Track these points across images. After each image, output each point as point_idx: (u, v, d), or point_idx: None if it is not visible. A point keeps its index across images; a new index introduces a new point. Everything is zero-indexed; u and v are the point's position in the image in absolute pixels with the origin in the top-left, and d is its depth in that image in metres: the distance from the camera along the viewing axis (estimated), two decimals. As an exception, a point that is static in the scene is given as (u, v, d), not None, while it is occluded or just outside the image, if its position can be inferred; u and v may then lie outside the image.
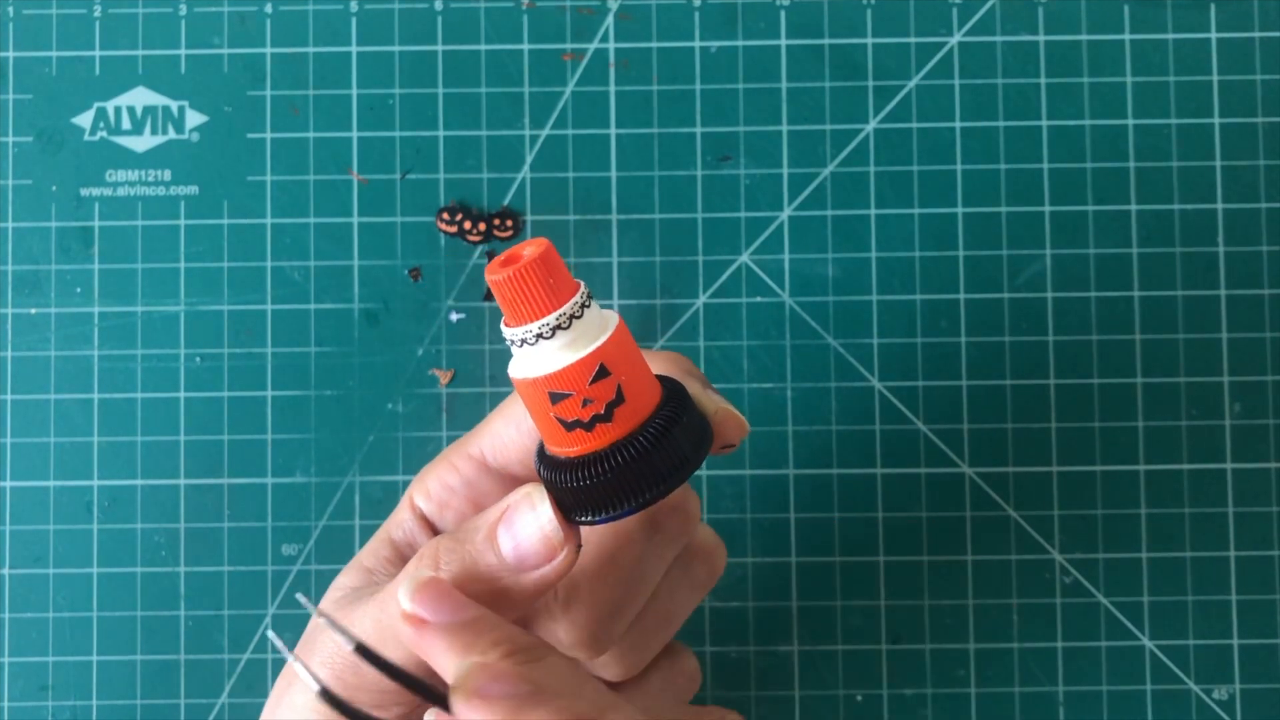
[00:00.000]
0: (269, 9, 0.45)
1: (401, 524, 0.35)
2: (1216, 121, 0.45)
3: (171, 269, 0.44)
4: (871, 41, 0.45)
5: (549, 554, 0.30)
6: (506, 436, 0.34)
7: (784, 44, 0.45)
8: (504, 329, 0.29)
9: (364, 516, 0.44)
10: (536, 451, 0.31)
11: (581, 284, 0.29)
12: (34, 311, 0.44)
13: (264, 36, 0.45)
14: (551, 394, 0.29)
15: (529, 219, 0.45)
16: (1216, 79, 0.45)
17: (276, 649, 0.33)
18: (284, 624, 0.43)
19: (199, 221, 0.45)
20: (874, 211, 0.45)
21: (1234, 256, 0.44)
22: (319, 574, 0.44)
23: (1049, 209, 0.44)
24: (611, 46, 0.45)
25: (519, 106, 0.45)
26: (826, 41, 0.45)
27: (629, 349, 0.30)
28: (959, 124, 0.45)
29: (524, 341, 0.29)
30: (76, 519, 0.44)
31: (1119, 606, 0.44)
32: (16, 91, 0.45)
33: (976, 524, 0.44)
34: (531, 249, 0.29)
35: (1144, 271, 0.44)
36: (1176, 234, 0.44)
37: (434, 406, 0.44)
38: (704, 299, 0.45)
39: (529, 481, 0.33)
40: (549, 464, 0.30)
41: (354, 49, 0.45)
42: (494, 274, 0.29)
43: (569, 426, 0.29)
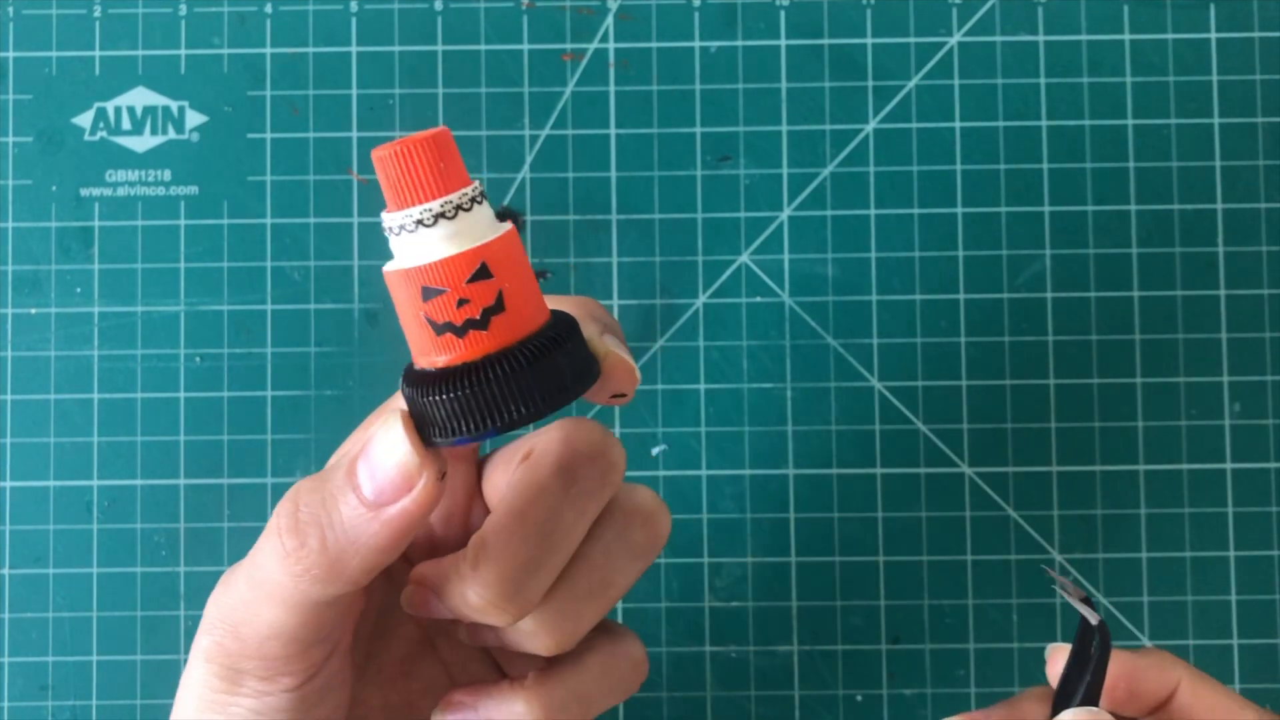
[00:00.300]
0: (269, 9, 0.45)
1: None
2: (1216, 121, 0.45)
3: (171, 269, 0.44)
4: (871, 41, 0.45)
5: (406, 484, 0.27)
6: None
7: (784, 44, 0.45)
8: (383, 217, 0.27)
9: (364, 516, 0.44)
10: (404, 370, 0.28)
11: (476, 182, 0.28)
12: (34, 311, 0.44)
13: (264, 36, 0.45)
14: (425, 289, 0.26)
15: (529, 219, 0.45)
16: (1216, 79, 0.45)
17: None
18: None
19: (199, 221, 0.45)
20: (874, 211, 0.45)
21: (1234, 256, 0.44)
22: (319, 574, 0.44)
23: (1049, 209, 0.44)
24: (611, 46, 0.45)
25: (519, 106, 0.45)
26: (826, 41, 0.45)
27: (518, 260, 0.27)
28: (959, 124, 0.45)
29: (403, 228, 0.27)
30: (76, 519, 0.44)
31: (1119, 606, 0.44)
32: (16, 91, 0.45)
33: (976, 524, 0.44)
34: (428, 132, 0.27)
35: (1144, 271, 0.44)
36: (1176, 234, 0.44)
37: (434, 406, 0.44)
38: (704, 299, 0.45)
39: (466, 447, 0.32)
40: (409, 379, 0.28)
41: (354, 49, 0.45)
42: (381, 151, 0.27)
43: (439, 329, 0.27)
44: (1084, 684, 0.31)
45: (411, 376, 0.27)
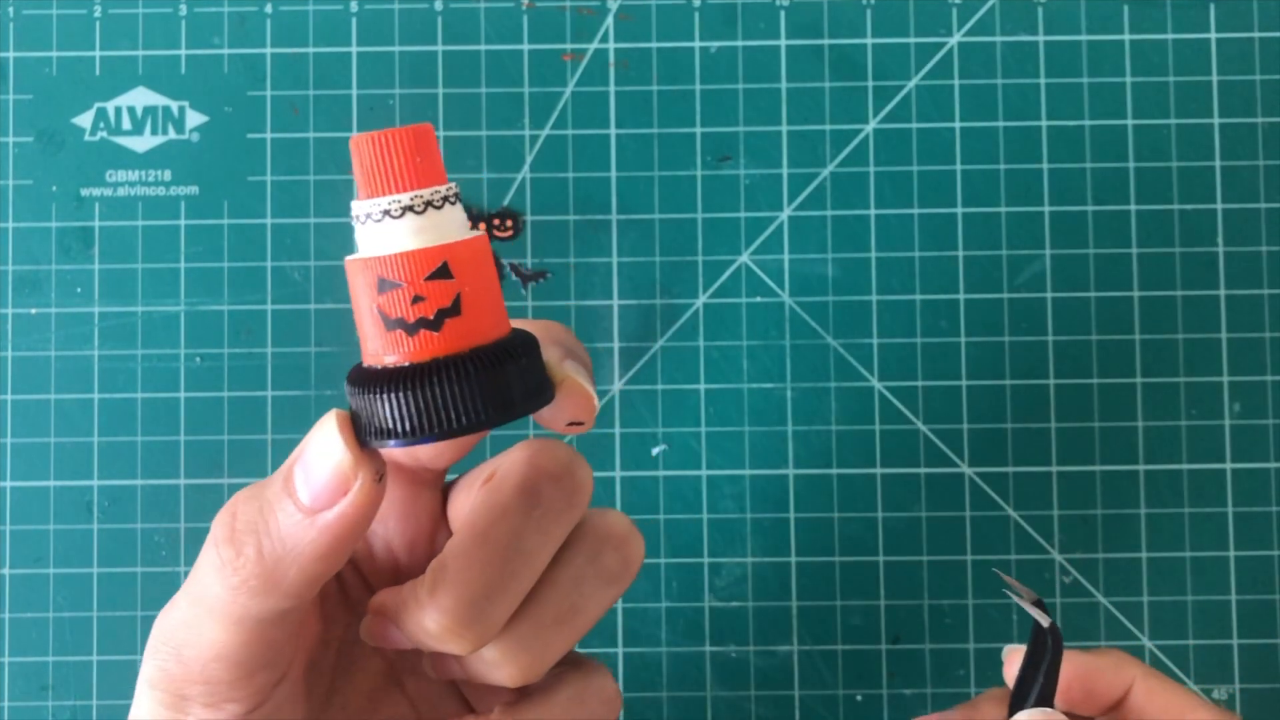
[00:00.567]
0: (269, 9, 0.45)
1: None
2: (1216, 121, 0.45)
3: (171, 269, 0.45)
4: (871, 41, 0.45)
5: (341, 487, 0.26)
6: None
7: (784, 44, 0.45)
8: (353, 205, 0.26)
9: (364, 516, 0.44)
10: (349, 371, 0.27)
11: (454, 184, 0.27)
12: (34, 311, 0.44)
13: (264, 36, 0.45)
14: (380, 280, 0.26)
15: (529, 219, 0.45)
16: (1216, 79, 0.45)
17: None
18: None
19: (199, 221, 0.45)
20: (874, 211, 0.45)
21: (1234, 256, 0.44)
22: (319, 574, 0.44)
23: (1049, 209, 0.44)
24: (611, 46, 0.45)
25: (519, 106, 0.45)
26: (826, 42, 0.45)
27: (484, 268, 0.26)
28: (959, 124, 0.45)
29: (369, 218, 0.26)
30: (76, 519, 0.44)
31: (1119, 606, 0.44)
32: (16, 91, 0.45)
33: (976, 524, 0.44)
34: (411, 125, 0.26)
35: (1144, 271, 0.44)
36: (1176, 234, 0.44)
37: (434, 406, 0.44)
38: (704, 299, 0.45)
39: (429, 471, 0.31)
40: (355, 378, 0.26)
41: (354, 49, 0.45)
42: (359, 136, 0.26)
43: (390, 325, 0.26)
44: (1038, 685, 0.32)
45: (355, 374, 0.27)
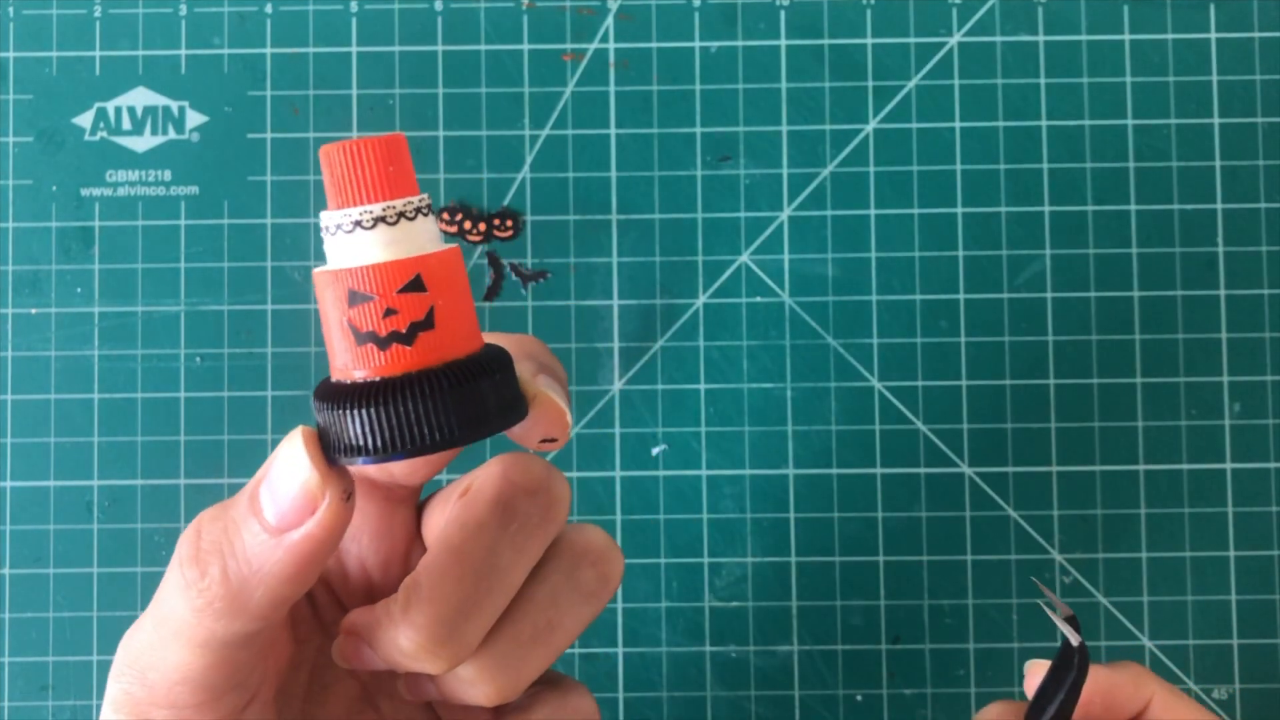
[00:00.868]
0: (269, 9, 0.45)
1: None
2: (1216, 121, 0.45)
3: (171, 269, 0.45)
4: (871, 41, 0.45)
5: (309, 505, 0.25)
6: None
7: (784, 44, 0.45)
8: (322, 215, 0.26)
9: (364, 516, 0.44)
10: (316, 385, 0.27)
11: (426, 195, 0.26)
12: (34, 311, 0.44)
13: (264, 36, 0.45)
14: (351, 293, 0.25)
15: (529, 219, 0.45)
16: (1216, 79, 0.45)
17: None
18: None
19: (199, 221, 0.45)
20: (874, 211, 0.45)
21: (1234, 256, 0.44)
22: (319, 574, 0.44)
23: (1049, 209, 0.44)
24: (611, 46, 0.45)
25: (519, 106, 0.45)
26: (826, 41, 0.45)
27: (456, 281, 0.26)
28: (959, 124, 0.45)
29: (339, 229, 0.25)
30: (76, 519, 0.44)
31: (1119, 606, 0.44)
32: (16, 91, 0.45)
33: (976, 524, 0.44)
34: (384, 135, 0.26)
35: (1144, 271, 0.44)
36: (1176, 234, 0.44)
37: (434, 406, 0.44)
38: (704, 299, 0.45)
39: (403, 487, 0.31)
40: (323, 393, 0.26)
41: (354, 49, 0.45)
42: (328, 146, 0.25)
43: (361, 339, 0.25)
44: (1056, 703, 0.31)
45: (322, 389, 0.26)
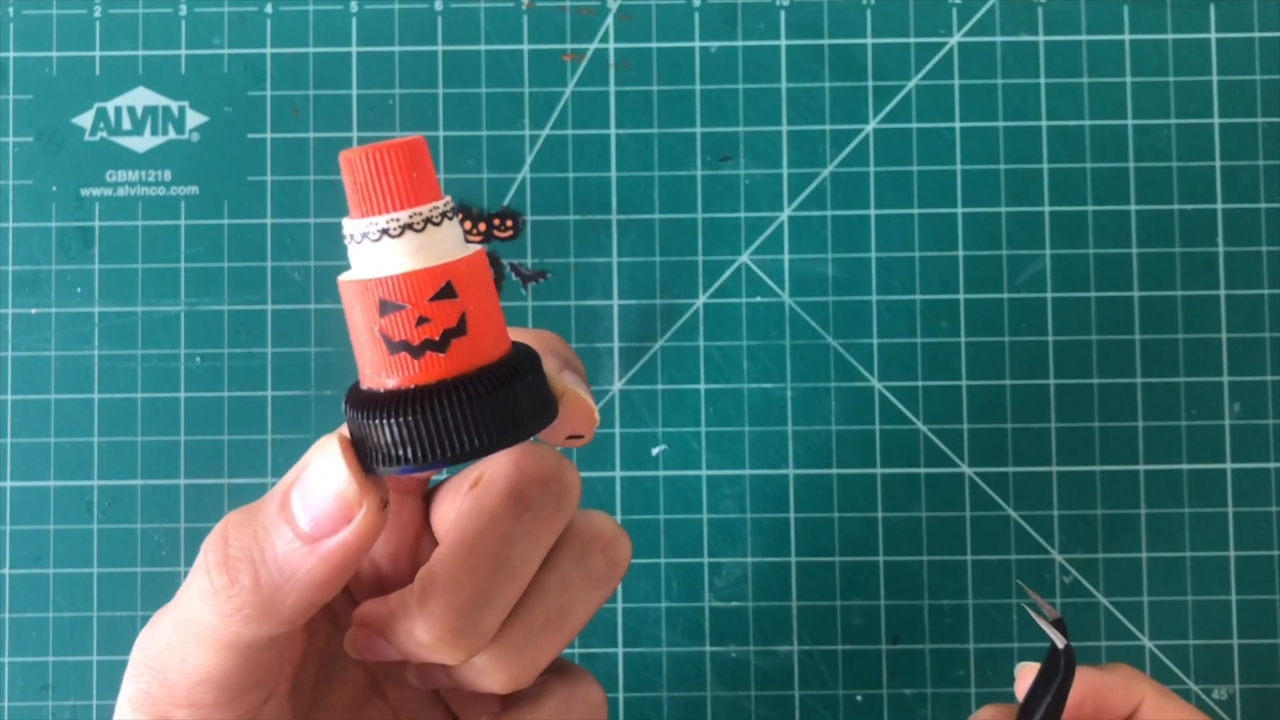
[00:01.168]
0: (269, 9, 0.45)
1: None
2: (1216, 121, 0.45)
3: (171, 269, 0.45)
4: (871, 41, 0.45)
5: (345, 514, 0.25)
6: None
7: (784, 44, 0.45)
8: (345, 223, 0.26)
9: (364, 516, 0.44)
10: (348, 390, 0.27)
11: (449, 198, 0.26)
12: (34, 311, 0.44)
13: (264, 36, 0.45)
14: (383, 302, 0.25)
15: (529, 219, 0.45)
16: (1216, 79, 0.45)
17: None
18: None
19: (199, 221, 0.45)
20: (874, 211, 0.45)
21: (1234, 256, 0.44)
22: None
23: (1049, 209, 0.44)
24: (611, 46, 0.45)
25: (519, 106, 0.45)
26: (826, 41, 0.45)
27: (484, 284, 0.26)
28: (959, 124, 0.45)
29: (365, 237, 0.25)
30: (76, 519, 0.44)
31: (1119, 606, 0.44)
32: (16, 91, 0.45)
33: (976, 524, 0.44)
34: (403, 138, 0.25)
35: (1144, 271, 0.44)
36: (1176, 234, 0.44)
37: (434, 406, 0.44)
38: (704, 299, 0.45)
39: (413, 479, 0.31)
40: (353, 400, 0.26)
41: (354, 49, 0.45)
42: (350, 152, 0.25)
43: (394, 348, 0.25)
44: (1045, 704, 0.32)
45: (356, 397, 0.26)
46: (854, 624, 0.44)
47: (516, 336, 0.28)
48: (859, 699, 0.44)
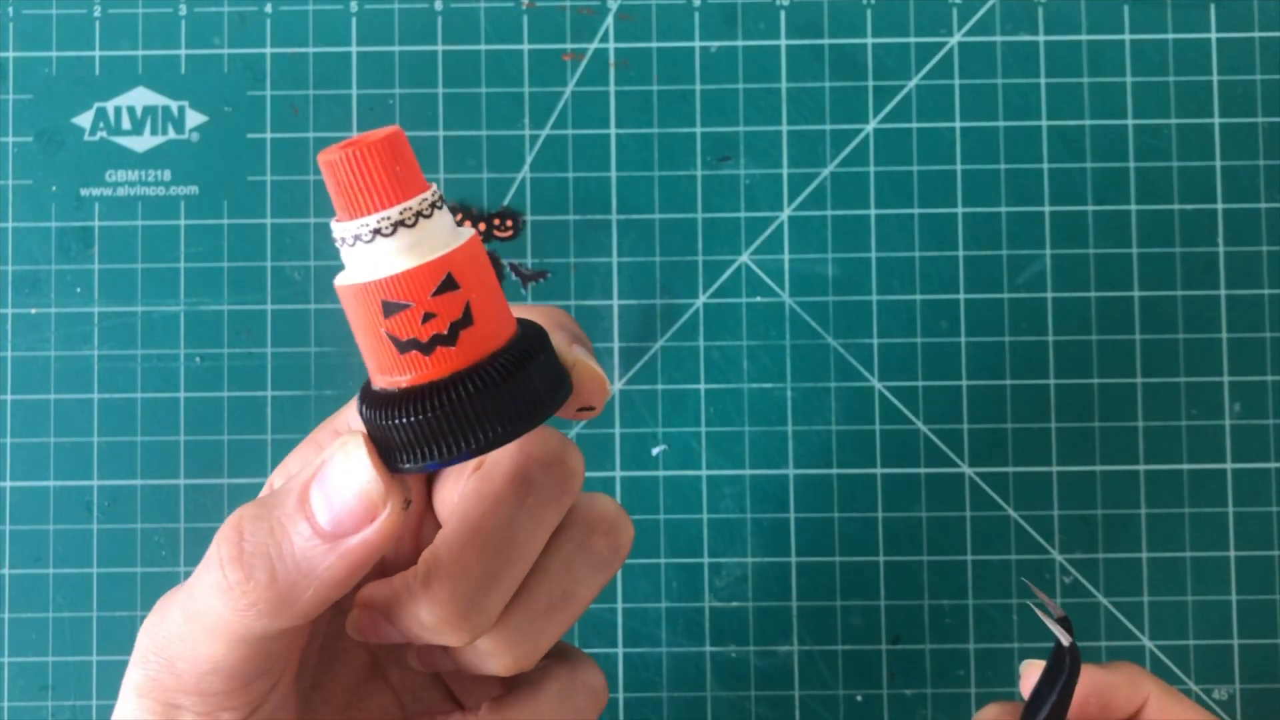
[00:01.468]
0: (269, 9, 0.45)
1: None
2: (1216, 121, 0.45)
3: (171, 269, 0.45)
4: (871, 41, 0.45)
5: (368, 513, 0.25)
6: None
7: (784, 44, 0.45)
8: (334, 226, 0.25)
9: (364, 516, 0.44)
10: (360, 390, 0.26)
11: (434, 185, 0.25)
12: (34, 311, 0.44)
13: (264, 36, 0.45)
14: (386, 304, 0.25)
15: (529, 219, 0.45)
16: (1216, 79, 0.45)
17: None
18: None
19: (199, 221, 0.45)
20: (874, 211, 0.45)
21: (1234, 256, 0.44)
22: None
23: (1049, 209, 0.44)
24: (611, 46, 0.45)
25: (519, 106, 0.45)
26: (826, 41, 0.45)
27: (483, 268, 0.25)
28: (959, 124, 0.45)
29: (358, 239, 0.25)
30: (76, 519, 0.44)
31: (1119, 606, 0.44)
32: (16, 91, 0.45)
33: (976, 524, 0.44)
34: (379, 133, 0.25)
35: (1144, 271, 0.44)
36: (1176, 234, 0.44)
37: (434, 406, 0.44)
38: (704, 299, 0.45)
39: None
40: (370, 400, 0.25)
41: (354, 49, 0.45)
42: (328, 154, 0.24)
43: (403, 347, 0.25)
44: (1050, 702, 0.32)
45: (372, 397, 0.25)
46: (854, 624, 0.44)
47: (521, 314, 0.28)
48: (859, 699, 0.44)
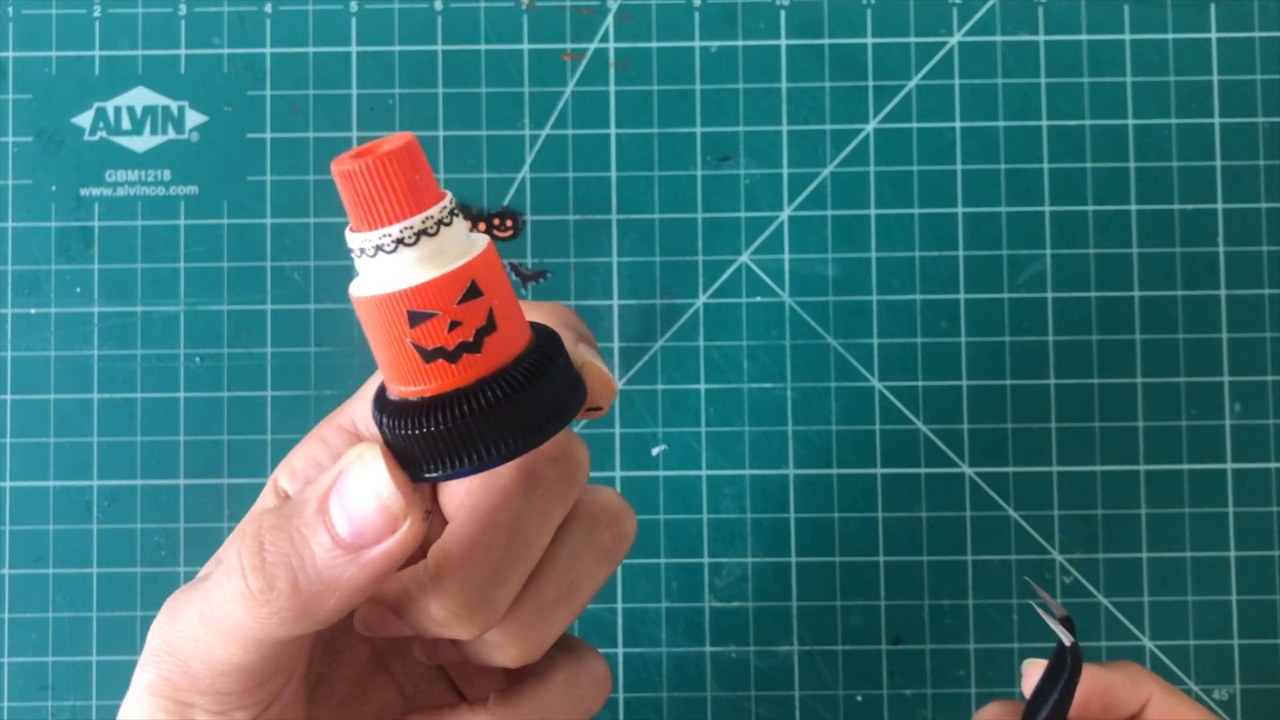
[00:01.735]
0: (269, 9, 0.45)
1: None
2: (1216, 121, 0.45)
3: (171, 269, 0.44)
4: (871, 41, 0.45)
5: (389, 525, 0.25)
6: None
7: (784, 44, 0.45)
8: (350, 236, 0.25)
9: (364, 516, 0.44)
10: (374, 397, 0.26)
11: (448, 193, 0.25)
12: (34, 311, 0.44)
13: (264, 36, 0.45)
14: (411, 314, 0.24)
15: (529, 219, 0.45)
16: (1216, 79, 0.45)
17: None
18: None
19: (199, 221, 0.45)
20: (874, 211, 0.45)
21: (1234, 256, 0.44)
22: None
23: (1049, 209, 0.44)
24: (611, 46, 0.45)
25: (519, 106, 0.45)
26: (826, 41, 0.45)
27: (501, 275, 0.25)
28: (959, 124, 0.45)
29: (379, 249, 0.24)
30: (76, 519, 0.44)
31: (1119, 606, 0.44)
32: (16, 91, 0.45)
33: (976, 524, 0.44)
34: (392, 141, 0.24)
35: (1144, 271, 0.44)
36: (1176, 234, 0.44)
37: (434, 406, 0.44)
38: (704, 299, 0.45)
39: None
40: (391, 410, 0.25)
41: (354, 49, 0.45)
42: (344, 165, 0.24)
43: (429, 356, 0.24)
44: (1052, 701, 0.32)
45: (391, 407, 0.25)
46: (854, 624, 0.44)
47: (527, 313, 0.28)
48: (859, 699, 0.44)
